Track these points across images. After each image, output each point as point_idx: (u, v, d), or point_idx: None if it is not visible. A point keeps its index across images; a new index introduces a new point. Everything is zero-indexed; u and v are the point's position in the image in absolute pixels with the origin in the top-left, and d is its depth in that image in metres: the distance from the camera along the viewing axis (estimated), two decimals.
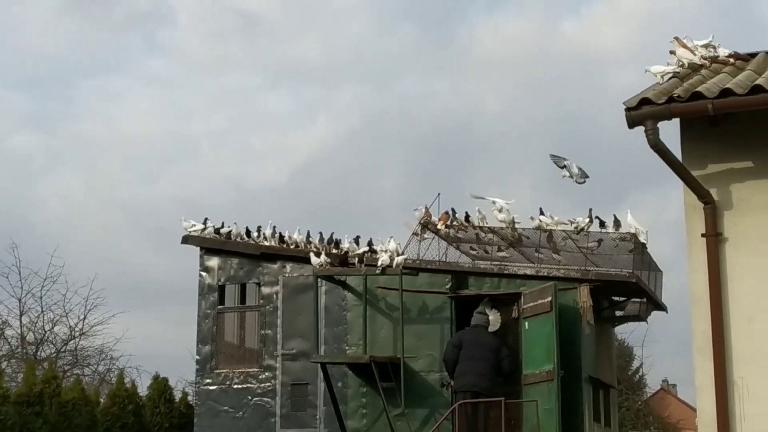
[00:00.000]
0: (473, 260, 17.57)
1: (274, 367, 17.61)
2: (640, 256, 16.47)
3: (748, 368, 9.43)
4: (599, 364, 16.97)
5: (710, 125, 9.69)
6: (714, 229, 9.62)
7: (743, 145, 9.74)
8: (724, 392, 9.38)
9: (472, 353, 15.36)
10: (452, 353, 15.53)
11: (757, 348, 9.43)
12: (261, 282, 17.96)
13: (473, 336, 15.59)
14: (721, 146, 9.79)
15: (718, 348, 9.44)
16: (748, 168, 9.71)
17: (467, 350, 15.40)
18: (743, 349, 9.46)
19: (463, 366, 15.37)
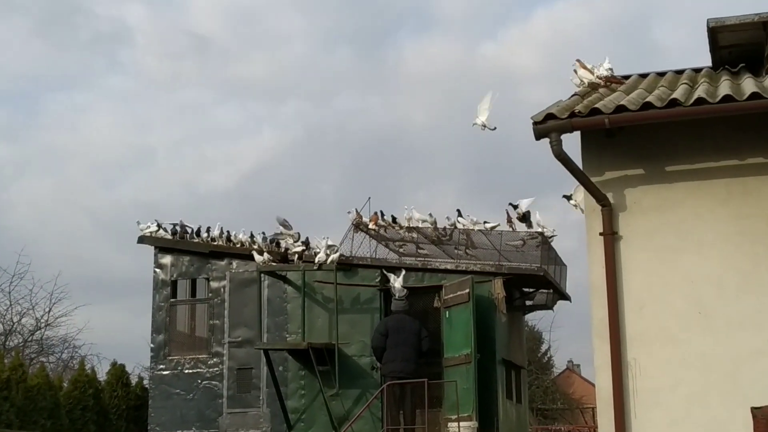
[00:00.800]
0: (400, 257, 17.67)
1: (221, 354, 17.54)
2: (547, 252, 16.69)
3: (640, 350, 9.52)
4: (512, 348, 17.12)
5: (607, 137, 9.76)
6: (610, 228, 9.70)
7: (636, 154, 9.84)
8: (619, 371, 9.46)
9: (397, 340, 15.33)
10: (379, 341, 15.47)
11: (647, 332, 9.54)
12: (210, 277, 17.89)
13: (396, 323, 15.50)
14: (617, 155, 9.87)
15: (614, 332, 9.52)
16: (640, 174, 9.82)
17: (393, 337, 15.35)
18: (636, 333, 9.56)
19: (390, 353, 15.31)
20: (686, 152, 9.71)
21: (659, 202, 9.72)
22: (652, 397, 9.46)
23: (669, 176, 9.76)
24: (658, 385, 9.45)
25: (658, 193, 9.74)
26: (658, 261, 9.62)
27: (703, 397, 9.29)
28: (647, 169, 9.82)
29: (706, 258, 9.51)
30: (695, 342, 9.41)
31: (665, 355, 9.48)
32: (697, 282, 9.49)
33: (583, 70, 10.69)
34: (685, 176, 9.70)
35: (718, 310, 9.40)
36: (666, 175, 9.77)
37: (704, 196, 9.60)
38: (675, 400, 9.37)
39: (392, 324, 15.52)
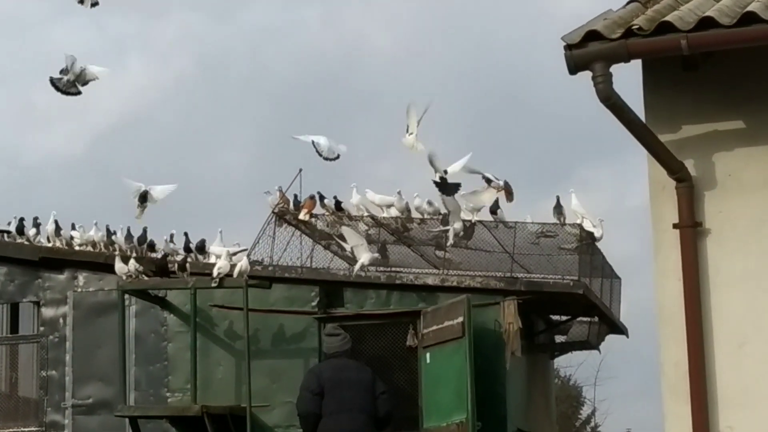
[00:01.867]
0: (350, 265, 17.68)
1: (61, 425, 17.53)
2: (589, 256, 16.73)
3: (739, 413, 9.60)
4: (532, 412, 17.19)
5: (684, 69, 9.83)
6: (691, 217, 9.76)
7: (731, 97, 9.90)
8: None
9: (339, 401, 14.89)
10: (310, 404, 14.79)
11: (750, 384, 9.61)
12: (41, 300, 17.83)
13: (335, 373, 14.98)
14: (701, 100, 9.93)
15: (697, 385, 9.59)
16: (738, 130, 9.88)
17: (333, 397, 14.85)
18: (732, 387, 9.63)
19: (329, 422, 14.91)
20: None
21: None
22: None
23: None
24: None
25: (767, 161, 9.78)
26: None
27: None
28: (750, 121, 9.87)
29: None
30: None
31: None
32: None
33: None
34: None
35: None
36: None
37: None
38: None
39: (328, 375, 15.01)
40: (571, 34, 9.55)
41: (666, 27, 9.39)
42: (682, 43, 9.32)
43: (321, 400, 14.60)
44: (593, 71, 9.43)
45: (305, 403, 14.71)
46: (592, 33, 9.49)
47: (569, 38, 9.52)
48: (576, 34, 9.53)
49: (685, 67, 9.80)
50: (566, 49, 9.48)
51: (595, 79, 9.43)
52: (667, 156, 9.73)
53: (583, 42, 9.47)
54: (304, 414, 14.77)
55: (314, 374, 15.02)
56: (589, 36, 9.48)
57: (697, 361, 9.63)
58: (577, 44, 9.47)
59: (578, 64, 9.48)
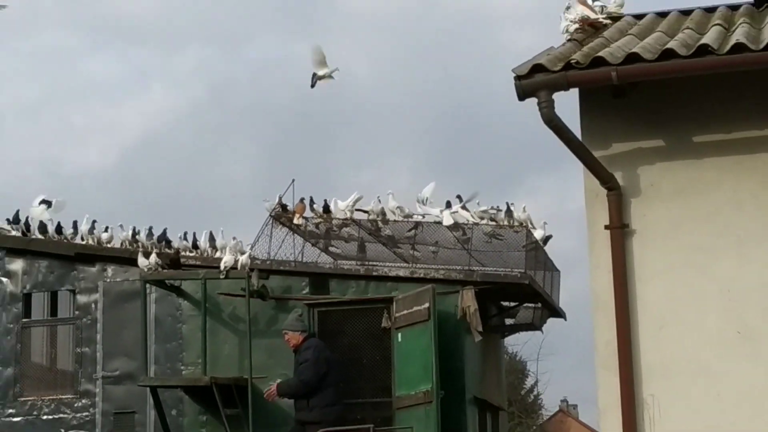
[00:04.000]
0: (335, 260, 17.62)
1: (92, 393, 17.45)
2: (534, 253, 16.72)
3: (660, 384, 9.58)
4: (486, 383, 17.16)
5: (615, 96, 9.80)
6: (619, 219, 9.74)
7: (653, 120, 9.89)
8: (632, 412, 9.51)
9: (335, 376, 15.08)
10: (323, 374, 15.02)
11: (670, 360, 9.58)
12: (76, 289, 17.78)
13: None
14: (627, 122, 9.92)
15: (624, 361, 9.56)
16: (659, 147, 9.87)
17: (333, 370, 15.05)
18: (654, 362, 9.61)
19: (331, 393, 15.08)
20: (721, 117, 9.76)
21: (685, 184, 9.77)
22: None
23: (698, 149, 9.80)
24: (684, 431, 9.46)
25: (683, 173, 9.78)
26: (685, 264, 9.68)
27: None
28: (668, 139, 9.88)
29: (748, 260, 9.56)
30: (735, 373, 9.45)
31: (695, 392, 9.52)
32: (737, 292, 9.53)
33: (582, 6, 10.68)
34: (720, 149, 9.73)
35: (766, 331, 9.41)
36: (694, 148, 9.81)
37: (745, 175, 9.66)
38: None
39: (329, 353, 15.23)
40: (521, 66, 9.56)
41: (599, 61, 9.41)
42: (612, 74, 9.34)
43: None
44: (538, 98, 9.44)
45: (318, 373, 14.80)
46: (538, 66, 9.48)
47: (519, 70, 9.53)
48: (524, 66, 9.54)
49: (614, 94, 9.80)
50: (516, 79, 9.49)
51: (540, 105, 9.43)
52: (600, 169, 9.73)
53: (530, 73, 9.47)
54: (315, 381, 14.79)
55: (322, 346, 15.13)
56: (535, 68, 9.48)
57: (625, 340, 9.62)
58: (525, 75, 9.48)
59: (526, 91, 9.48)
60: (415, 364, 15.30)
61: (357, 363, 16.23)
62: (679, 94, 9.81)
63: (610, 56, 9.41)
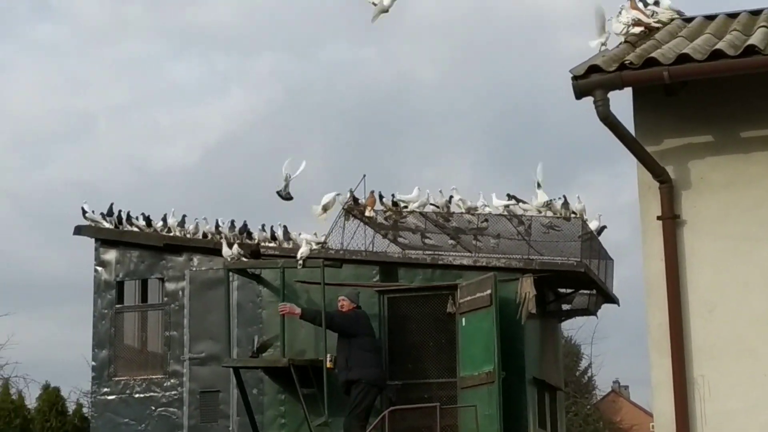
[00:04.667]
0: (403, 249, 17.60)
1: (180, 373, 17.51)
2: (589, 243, 16.63)
3: (709, 364, 9.54)
4: (545, 364, 17.08)
5: (666, 95, 9.78)
6: (671, 210, 9.72)
7: (702, 116, 9.85)
8: (683, 391, 9.49)
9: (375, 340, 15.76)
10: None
11: (718, 342, 9.55)
12: (164, 277, 17.85)
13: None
14: (679, 118, 9.89)
15: (676, 342, 9.54)
16: (708, 142, 9.82)
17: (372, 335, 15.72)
18: (704, 344, 9.58)
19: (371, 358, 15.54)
20: (767, 114, 9.67)
21: (733, 177, 9.74)
22: (725, 423, 9.45)
23: (745, 144, 9.76)
24: (732, 408, 9.45)
25: (730, 166, 9.76)
26: (732, 251, 9.64)
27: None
28: (717, 135, 9.83)
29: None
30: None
31: (741, 371, 9.49)
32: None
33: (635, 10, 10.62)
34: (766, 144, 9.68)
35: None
36: (741, 143, 9.77)
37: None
38: (755, 427, 9.36)
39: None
40: (577, 67, 9.56)
41: (651, 62, 9.38)
42: (664, 74, 9.31)
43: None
44: (594, 96, 9.43)
45: (345, 321, 15.52)
46: (594, 67, 9.48)
47: (575, 71, 9.52)
48: (581, 67, 9.54)
49: (666, 93, 9.77)
50: (573, 80, 9.49)
51: (596, 103, 9.42)
52: (653, 163, 9.69)
53: (586, 74, 9.47)
54: (338, 322, 15.52)
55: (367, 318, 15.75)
56: (591, 69, 9.48)
57: (676, 323, 9.60)
58: (582, 75, 9.47)
59: (582, 91, 9.47)
60: (478, 347, 15.27)
61: (424, 345, 16.21)
62: (727, 92, 9.75)
63: (662, 57, 9.38)
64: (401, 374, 16.15)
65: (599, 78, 9.42)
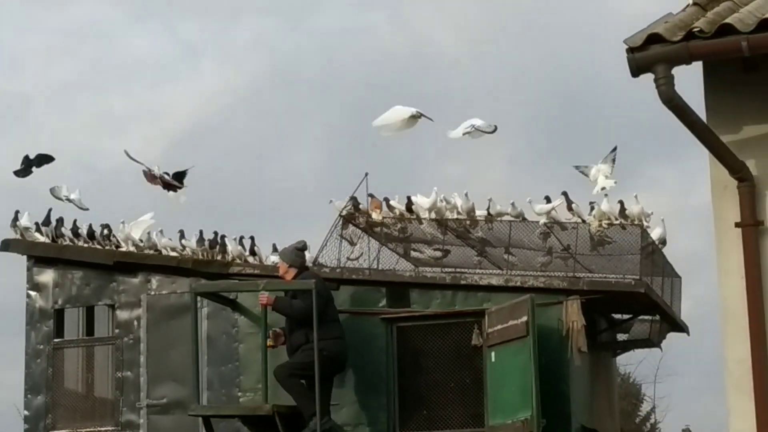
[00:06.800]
0: (417, 266, 17.67)
1: (136, 424, 17.57)
2: (651, 256, 16.68)
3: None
4: (595, 409, 17.15)
5: (745, 71, 9.80)
6: (752, 215, 9.74)
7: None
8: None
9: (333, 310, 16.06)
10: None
11: None
12: (115, 303, 17.90)
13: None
14: (761, 100, 9.91)
15: (760, 381, 9.57)
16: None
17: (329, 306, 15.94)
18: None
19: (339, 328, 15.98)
20: None
21: None
22: None
23: None
24: None
25: None
26: None
27: None
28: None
29: None
30: None
31: None
32: None
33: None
34: None
35: None
36: None
37: None
38: None
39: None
40: (633, 37, 9.57)
41: (726, 29, 9.40)
42: (742, 44, 9.32)
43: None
44: (655, 73, 9.46)
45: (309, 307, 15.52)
46: (654, 36, 9.50)
47: (631, 41, 9.54)
48: (638, 37, 9.55)
49: (745, 68, 9.79)
50: (628, 52, 9.51)
51: (658, 81, 9.45)
52: (729, 156, 9.72)
53: (645, 45, 9.49)
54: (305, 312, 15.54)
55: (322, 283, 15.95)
56: (651, 39, 9.49)
57: (761, 357, 9.61)
58: (639, 47, 9.50)
59: (640, 66, 9.50)
60: (512, 388, 15.31)
61: (443, 387, 16.28)
62: None
63: (739, 23, 9.40)
64: (414, 423, 16.25)
65: (661, 50, 9.44)
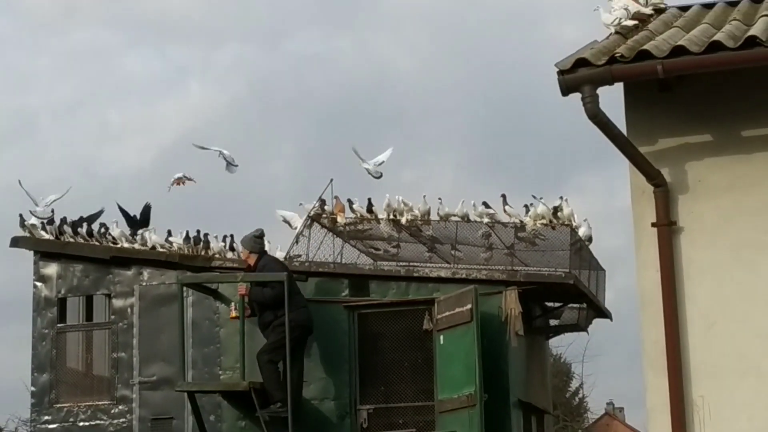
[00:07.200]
0: (375, 261, 17.63)
1: (129, 399, 17.47)
2: (579, 252, 16.72)
3: (710, 384, 9.59)
4: (531, 385, 17.14)
5: (660, 90, 9.82)
6: (666, 216, 9.76)
7: (700, 114, 9.90)
8: (681, 414, 9.54)
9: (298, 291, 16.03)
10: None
11: (719, 360, 9.59)
12: (111, 293, 17.80)
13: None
14: (674, 116, 9.93)
15: (673, 361, 9.58)
16: (706, 142, 9.87)
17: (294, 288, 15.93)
18: (703, 362, 9.62)
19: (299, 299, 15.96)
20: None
21: (733, 180, 9.79)
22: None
23: (747, 144, 9.83)
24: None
25: (731, 168, 9.82)
26: (734, 261, 9.69)
27: None
28: (717, 134, 9.87)
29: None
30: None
31: (744, 391, 9.54)
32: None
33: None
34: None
35: None
36: (742, 143, 9.84)
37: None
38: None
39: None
40: (563, 61, 9.60)
41: (644, 54, 9.43)
42: (658, 68, 9.35)
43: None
44: (582, 93, 9.48)
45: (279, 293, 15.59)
46: (581, 60, 9.52)
47: (561, 65, 9.56)
48: (567, 61, 9.57)
49: (660, 88, 9.82)
50: (559, 74, 9.53)
51: (584, 100, 9.46)
52: (646, 165, 9.74)
53: (573, 68, 9.51)
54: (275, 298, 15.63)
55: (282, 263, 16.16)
56: (579, 63, 9.51)
57: (673, 339, 9.63)
58: (569, 70, 9.51)
59: (569, 86, 9.51)
60: (458, 367, 15.30)
61: (398, 366, 16.24)
62: (727, 87, 9.81)
63: (655, 49, 9.43)
64: (373, 398, 16.20)
65: (587, 72, 9.45)
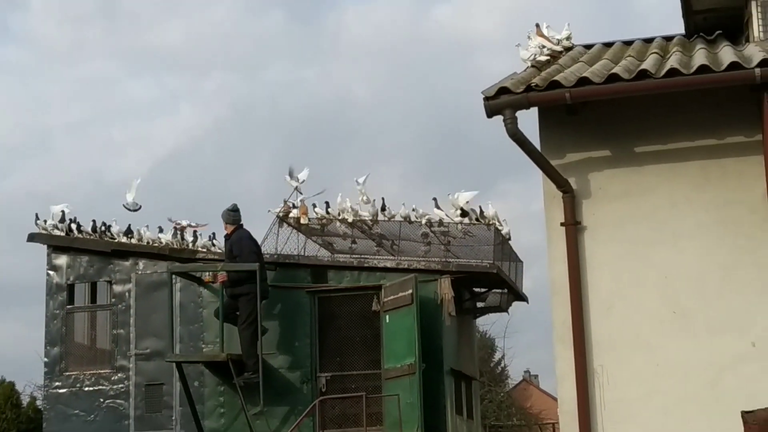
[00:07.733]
0: (332, 254, 17.60)
1: (127, 368, 17.34)
2: (501, 246, 16.76)
3: (608, 356, 9.64)
4: (461, 357, 17.16)
5: (568, 114, 9.85)
6: (573, 217, 9.79)
7: (601, 133, 9.95)
8: (584, 380, 9.57)
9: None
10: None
11: (616, 336, 9.65)
12: (112, 280, 17.68)
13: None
14: (579, 135, 9.97)
15: (578, 336, 9.63)
16: (606, 156, 9.92)
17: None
18: (603, 337, 9.67)
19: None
20: (658, 131, 9.84)
21: (628, 187, 9.84)
22: (623, 409, 9.57)
23: (639, 158, 9.88)
24: (629, 396, 9.56)
25: (626, 178, 9.87)
26: (628, 255, 9.73)
27: (680, 409, 9.41)
28: (614, 150, 9.91)
29: (682, 251, 9.62)
30: (671, 347, 9.52)
31: (637, 362, 9.59)
32: (673, 278, 9.61)
33: (541, 38, 10.72)
34: (657, 158, 9.83)
35: (697, 311, 9.52)
36: (635, 157, 9.89)
37: (679, 180, 9.72)
38: (649, 412, 9.49)
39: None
40: (489, 89, 9.62)
41: (555, 84, 9.46)
42: (566, 95, 9.40)
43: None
44: (504, 115, 9.50)
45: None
46: (503, 89, 9.55)
47: (487, 92, 9.58)
48: (492, 89, 9.59)
49: (568, 112, 9.84)
50: (485, 100, 9.54)
51: (506, 121, 9.48)
52: (556, 175, 9.78)
53: (497, 95, 9.53)
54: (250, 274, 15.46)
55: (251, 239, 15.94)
56: (501, 91, 9.54)
57: (578, 319, 9.68)
58: (493, 96, 9.53)
59: (493, 110, 9.53)
60: (401, 342, 15.29)
61: (351, 340, 16.21)
62: (623, 111, 9.86)
63: (564, 80, 9.46)
64: (331, 367, 16.17)
65: (508, 99, 9.49)
